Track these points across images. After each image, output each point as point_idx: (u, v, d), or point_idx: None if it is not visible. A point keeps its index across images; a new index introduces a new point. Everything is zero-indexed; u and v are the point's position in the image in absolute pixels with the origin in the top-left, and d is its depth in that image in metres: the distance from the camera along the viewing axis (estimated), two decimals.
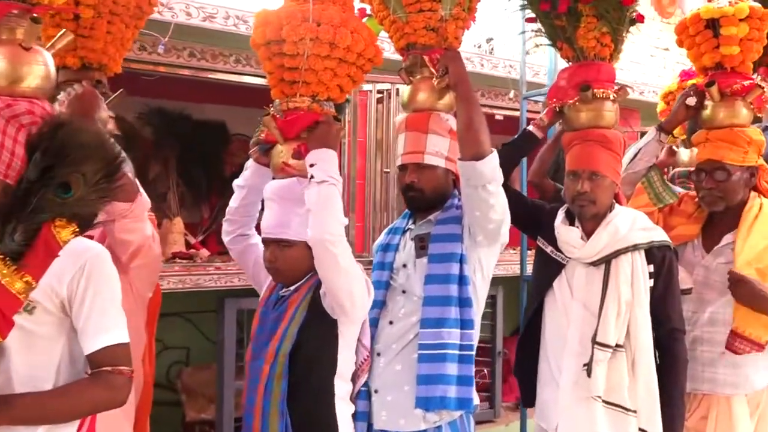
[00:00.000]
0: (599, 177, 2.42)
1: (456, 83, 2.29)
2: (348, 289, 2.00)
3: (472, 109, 2.21)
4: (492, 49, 4.37)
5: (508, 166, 2.59)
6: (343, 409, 2.11)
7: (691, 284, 2.61)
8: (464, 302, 2.22)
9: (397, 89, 3.84)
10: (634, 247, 2.40)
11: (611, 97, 2.50)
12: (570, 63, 2.59)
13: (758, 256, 2.53)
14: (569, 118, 2.55)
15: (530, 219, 2.63)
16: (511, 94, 4.39)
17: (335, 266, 1.98)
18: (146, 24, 2.53)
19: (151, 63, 3.40)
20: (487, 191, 2.15)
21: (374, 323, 2.31)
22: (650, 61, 8.12)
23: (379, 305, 2.33)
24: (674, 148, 3.37)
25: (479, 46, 4.39)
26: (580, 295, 2.44)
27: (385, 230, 2.56)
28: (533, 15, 2.66)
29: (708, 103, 2.71)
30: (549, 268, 2.53)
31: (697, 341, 2.61)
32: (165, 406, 3.90)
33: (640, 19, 2.56)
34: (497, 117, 4.41)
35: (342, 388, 2.12)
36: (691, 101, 2.71)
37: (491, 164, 2.14)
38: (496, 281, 2.82)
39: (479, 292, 2.32)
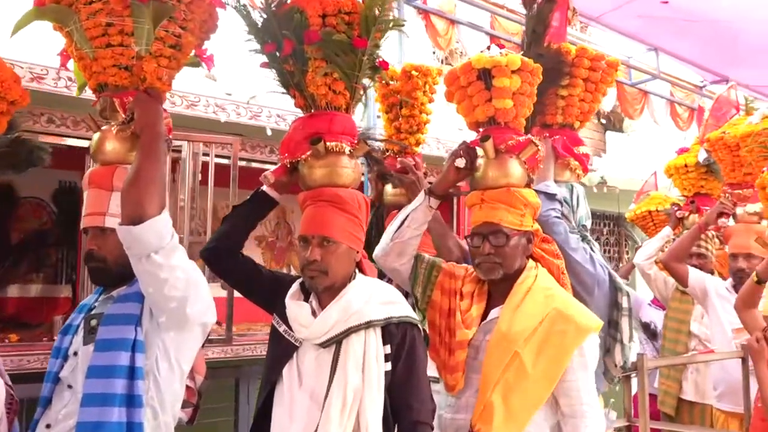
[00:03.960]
0: (332, 243, 2.07)
1: (141, 130, 1.92)
2: None
3: (145, 163, 1.83)
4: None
5: (240, 230, 2.25)
6: None
7: (434, 372, 2.26)
8: (132, 401, 1.79)
9: (193, 147, 3.46)
10: (368, 325, 2.03)
11: (347, 151, 2.17)
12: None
13: (519, 336, 2.17)
14: (302, 175, 2.20)
15: (265, 293, 2.25)
16: None
17: None
18: None
19: None
20: (152, 262, 1.76)
21: (33, 426, 1.86)
22: None
23: (44, 403, 1.89)
24: None
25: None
26: (308, 384, 2.05)
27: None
28: None
29: (480, 161, 2.41)
30: (280, 351, 2.14)
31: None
32: None
33: (384, 66, 2.27)
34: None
35: None
36: (461, 162, 2.39)
37: (154, 229, 1.76)
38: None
39: (164, 387, 1.89)
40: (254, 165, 3.95)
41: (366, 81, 2.31)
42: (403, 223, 2.36)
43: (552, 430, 2.16)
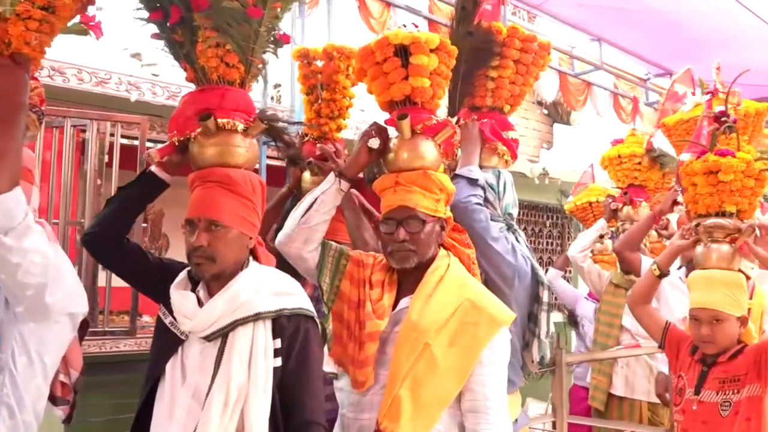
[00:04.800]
0: (221, 228, 1.91)
1: None
2: None
3: None
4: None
5: (125, 214, 2.08)
6: None
7: (333, 368, 2.11)
8: None
9: (98, 126, 3.25)
10: (257, 317, 1.88)
11: (239, 129, 2.01)
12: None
13: (431, 327, 2.05)
14: (192, 154, 2.03)
15: (152, 282, 2.08)
16: None
17: None
18: None
19: None
20: (2, 245, 1.58)
21: None
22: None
23: None
24: None
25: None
26: (192, 380, 1.89)
27: None
28: None
29: (394, 142, 2.27)
30: (164, 345, 1.97)
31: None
32: None
33: (284, 39, 2.11)
34: None
35: None
36: (374, 143, 2.24)
37: (2, 208, 1.57)
38: None
39: (22, 383, 1.72)
40: None
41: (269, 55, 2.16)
42: (311, 207, 2.21)
43: (460, 429, 2.03)
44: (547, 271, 5.59)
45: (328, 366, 2.15)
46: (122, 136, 3.29)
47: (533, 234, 7.05)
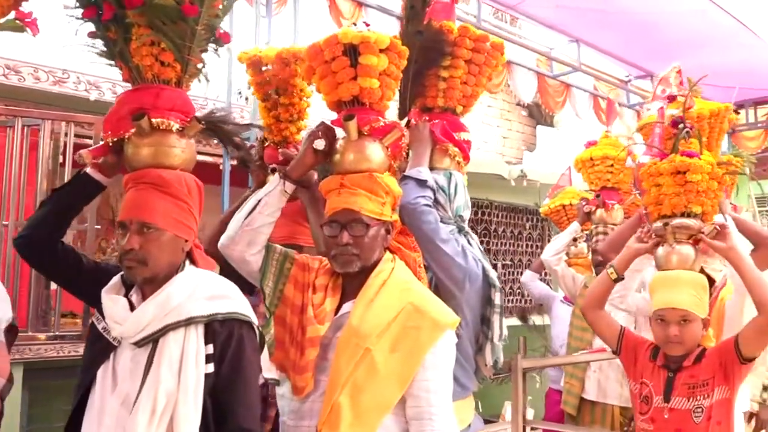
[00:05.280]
0: (153, 230, 1.87)
1: None
2: None
3: None
4: None
5: (59, 216, 2.04)
6: None
7: (275, 374, 2.07)
8: None
9: (52, 126, 3.19)
10: (188, 322, 1.83)
11: (174, 129, 1.96)
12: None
13: (372, 331, 2.01)
14: (126, 154, 1.99)
15: (86, 286, 2.03)
16: None
17: None
18: None
19: None
20: None
21: None
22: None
23: None
24: None
25: None
26: (122, 388, 1.84)
27: None
28: None
29: (340, 143, 2.23)
30: (96, 351, 1.92)
31: None
32: None
33: (225, 38, 2.06)
34: None
35: None
36: (319, 144, 2.20)
37: None
38: None
39: None
40: None
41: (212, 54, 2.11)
42: (254, 209, 2.16)
43: None
44: (522, 273, 5.56)
45: (270, 372, 2.10)
46: (79, 136, 3.23)
47: (512, 236, 7.01)
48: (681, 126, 2.76)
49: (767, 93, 7.18)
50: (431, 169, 2.61)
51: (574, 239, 4.76)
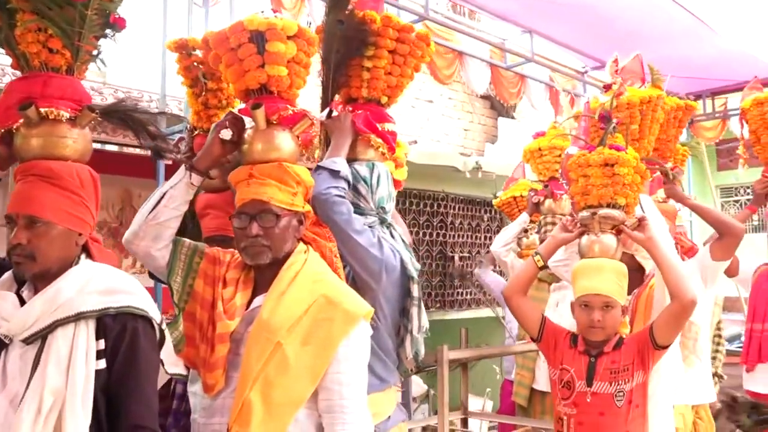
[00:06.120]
0: (42, 224, 1.82)
1: None
2: None
3: None
4: None
5: None
6: None
7: (181, 369, 2.01)
8: None
9: None
10: (78, 317, 1.78)
11: (64, 118, 1.89)
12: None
13: (282, 325, 1.96)
14: (17, 146, 1.92)
15: None
16: None
17: None
18: None
19: None
20: None
21: None
22: (412, 112, 7.88)
23: None
24: None
25: None
26: (11, 386, 1.79)
27: None
28: None
29: (249, 133, 2.17)
30: None
31: None
32: None
33: (120, 23, 2.00)
34: None
35: None
36: (226, 134, 2.14)
37: None
38: None
39: None
40: None
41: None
42: (159, 202, 2.10)
43: (318, 429, 1.95)
44: (478, 265, 5.54)
45: (176, 367, 2.04)
46: None
47: (470, 228, 7.00)
48: (611, 121, 2.82)
49: (724, 83, 7.19)
50: (355, 160, 2.57)
51: (525, 230, 4.74)
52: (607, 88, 3.33)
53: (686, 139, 7.07)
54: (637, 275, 3.11)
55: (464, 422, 3.82)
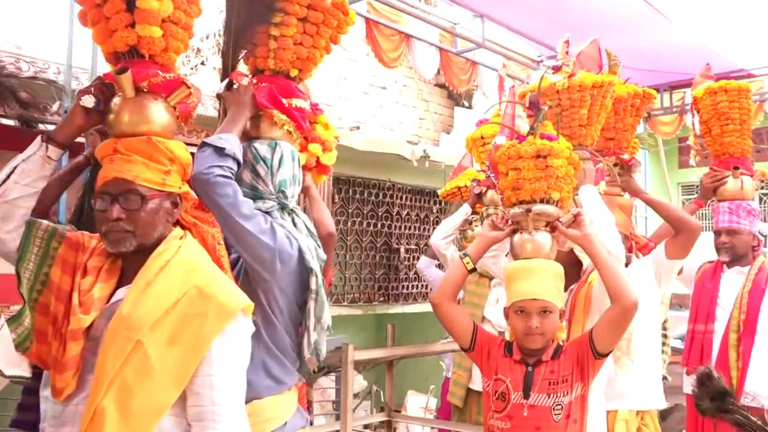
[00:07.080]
0: None
1: None
2: None
3: None
4: None
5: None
6: None
7: (24, 371, 1.75)
8: None
9: None
10: None
11: None
12: None
13: (145, 321, 1.70)
14: None
15: None
16: (55, 106, 3.42)
17: None
18: None
19: None
20: None
21: None
22: (364, 99, 7.64)
23: None
24: None
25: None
26: None
27: None
28: None
29: (116, 101, 1.91)
30: None
31: None
32: None
33: None
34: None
35: None
36: (88, 101, 1.90)
37: None
38: None
39: None
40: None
41: None
42: (8, 177, 1.84)
43: None
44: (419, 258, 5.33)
45: (17, 368, 1.78)
46: None
47: (418, 220, 6.79)
48: (541, 109, 2.58)
49: (682, 77, 7.06)
50: (257, 138, 2.32)
51: (469, 222, 4.53)
52: (556, 69, 3.12)
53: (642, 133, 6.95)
54: (574, 270, 2.94)
55: (388, 425, 3.59)
